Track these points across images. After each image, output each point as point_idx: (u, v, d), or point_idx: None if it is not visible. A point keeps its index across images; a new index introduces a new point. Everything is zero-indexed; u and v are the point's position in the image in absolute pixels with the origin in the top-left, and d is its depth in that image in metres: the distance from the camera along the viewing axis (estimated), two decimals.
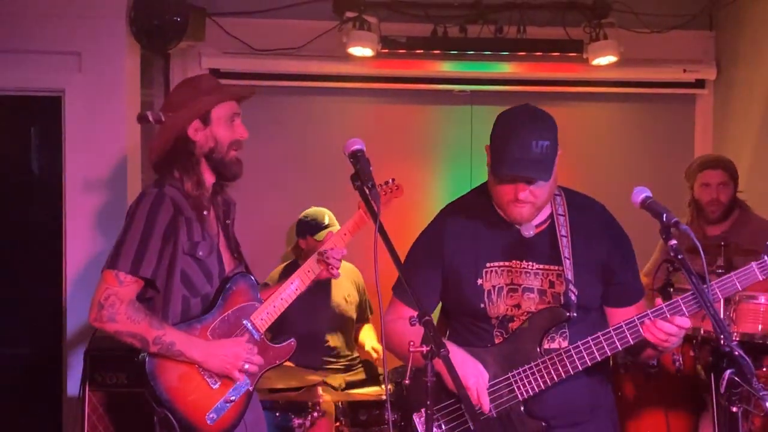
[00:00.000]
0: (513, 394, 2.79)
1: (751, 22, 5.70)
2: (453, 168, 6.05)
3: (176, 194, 3.10)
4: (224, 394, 3.10)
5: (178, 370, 3.04)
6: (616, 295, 2.91)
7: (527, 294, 2.83)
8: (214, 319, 3.11)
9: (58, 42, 5.06)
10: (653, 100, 6.21)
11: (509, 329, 2.84)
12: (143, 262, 3.00)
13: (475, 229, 2.91)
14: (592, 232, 2.89)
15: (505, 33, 5.77)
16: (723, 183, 4.86)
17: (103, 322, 2.98)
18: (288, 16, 5.74)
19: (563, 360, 2.75)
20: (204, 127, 3.16)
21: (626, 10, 5.84)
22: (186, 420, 3.03)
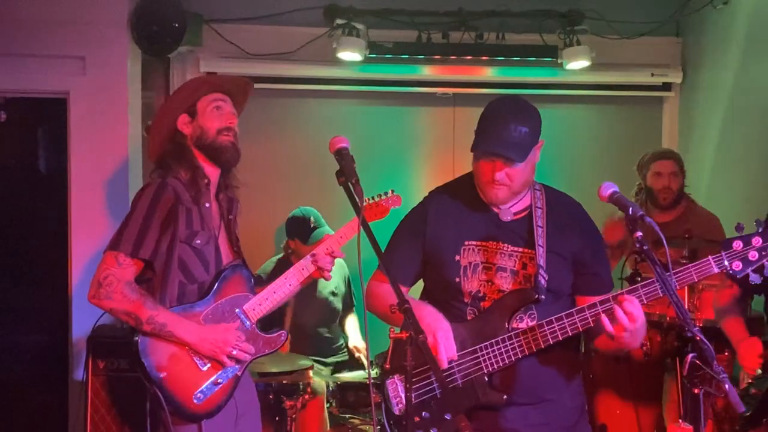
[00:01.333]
0: (479, 366, 2.79)
1: (715, 29, 5.70)
2: (436, 166, 6.04)
3: (178, 185, 3.11)
4: (212, 376, 3.08)
5: (169, 350, 3.02)
6: (586, 285, 2.91)
7: (500, 273, 2.85)
8: (208, 306, 3.08)
9: (64, 47, 5.04)
10: (623, 102, 6.21)
11: (481, 308, 2.85)
12: (143, 245, 3.00)
13: (457, 210, 2.94)
14: (566, 226, 2.89)
15: (485, 39, 5.75)
16: (673, 173, 4.91)
17: (101, 299, 2.97)
18: (281, 22, 5.71)
19: (528, 338, 2.75)
20: (192, 120, 3.19)
21: (598, 17, 5.83)
22: (174, 398, 3.00)
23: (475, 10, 5.74)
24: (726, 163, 5.44)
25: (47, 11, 5.00)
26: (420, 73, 5.91)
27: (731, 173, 5.36)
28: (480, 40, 5.75)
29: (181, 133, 3.20)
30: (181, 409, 3.02)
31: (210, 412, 3.08)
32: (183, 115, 3.20)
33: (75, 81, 5.07)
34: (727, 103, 5.56)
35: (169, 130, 3.21)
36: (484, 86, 5.99)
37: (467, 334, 2.82)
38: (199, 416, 3.05)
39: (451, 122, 6.09)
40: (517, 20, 5.78)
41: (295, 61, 5.73)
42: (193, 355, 3.05)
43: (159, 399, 2.98)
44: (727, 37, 5.54)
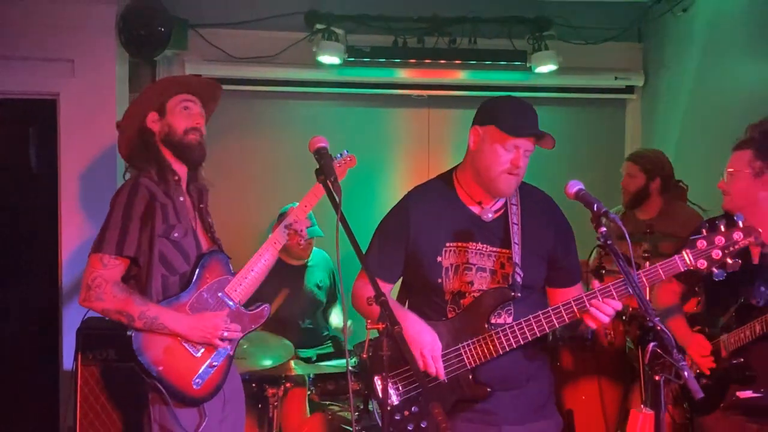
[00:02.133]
0: (462, 362, 2.82)
1: (675, 35, 5.74)
2: (411, 164, 6.04)
3: (150, 184, 3.11)
4: (207, 360, 3.09)
5: (163, 343, 3.02)
6: (559, 277, 2.95)
7: (480, 273, 2.86)
8: (191, 295, 3.09)
9: (54, 50, 5.02)
10: (589, 104, 6.23)
11: (461, 305, 2.87)
12: (125, 243, 3.00)
13: (437, 212, 2.93)
14: (540, 221, 2.92)
15: (458, 44, 5.78)
16: (630, 174, 4.87)
17: (92, 301, 2.97)
18: (263, 27, 5.70)
19: (507, 334, 2.77)
20: (160, 118, 3.19)
21: (565, 24, 5.86)
22: (174, 387, 3.02)
23: (449, 16, 5.76)
24: (686, 161, 5.47)
25: (38, 16, 4.98)
26: (396, 76, 5.91)
27: (691, 171, 5.39)
28: (453, 44, 5.77)
29: (149, 131, 3.20)
30: (183, 397, 3.04)
31: (211, 394, 3.11)
32: (152, 112, 3.20)
33: (64, 83, 5.05)
34: (686, 105, 5.60)
35: (139, 127, 3.20)
36: (457, 89, 6.00)
37: (449, 332, 2.84)
38: (200, 400, 3.09)
39: (426, 123, 6.09)
40: (489, 26, 5.80)
41: (277, 65, 5.72)
42: (185, 343, 3.05)
43: (160, 391, 2.99)
44: (686, 42, 5.58)
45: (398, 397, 2.88)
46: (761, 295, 3.13)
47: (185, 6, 5.56)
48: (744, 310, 3.19)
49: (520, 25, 5.79)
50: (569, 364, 4.63)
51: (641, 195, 4.82)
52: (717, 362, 3.28)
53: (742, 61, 4.96)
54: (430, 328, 2.81)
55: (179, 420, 3.04)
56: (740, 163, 3.24)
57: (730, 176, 3.27)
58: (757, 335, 3.10)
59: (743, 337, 3.15)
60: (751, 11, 4.90)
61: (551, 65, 5.73)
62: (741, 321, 3.18)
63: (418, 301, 2.97)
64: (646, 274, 2.67)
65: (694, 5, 5.46)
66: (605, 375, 4.55)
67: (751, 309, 3.15)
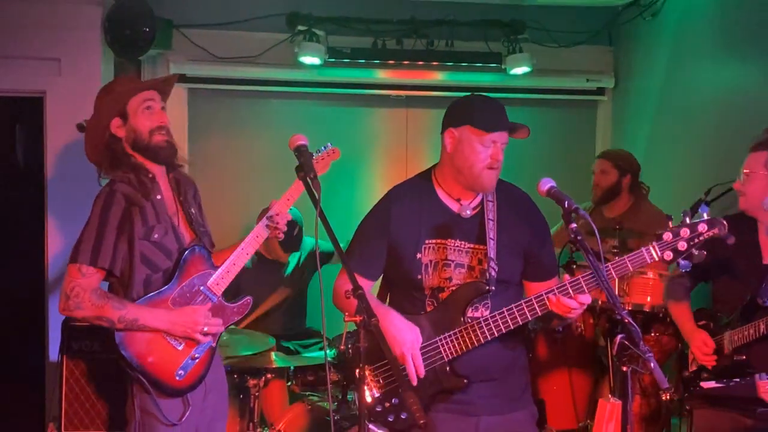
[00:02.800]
0: (440, 354, 2.81)
1: (644, 39, 5.76)
2: (390, 162, 6.03)
3: (126, 188, 3.04)
4: (189, 352, 3.07)
5: (145, 337, 2.99)
6: (534, 271, 2.95)
7: (458, 269, 2.86)
8: (173, 289, 3.05)
9: (40, 49, 4.97)
10: (561, 105, 6.24)
11: (439, 299, 2.86)
12: (100, 254, 2.95)
13: (417, 210, 2.92)
14: (516, 217, 2.92)
15: (435, 46, 5.77)
16: (603, 170, 4.87)
17: (71, 310, 2.93)
18: (246, 28, 5.67)
19: (482, 327, 2.76)
20: (124, 123, 3.09)
21: (539, 27, 5.87)
22: (157, 380, 2.99)
23: (427, 19, 5.75)
24: (654, 160, 5.50)
25: (25, 15, 4.93)
26: (375, 76, 5.90)
27: (659, 169, 5.42)
28: (431, 46, 5.76)
29: (115, 137, 3.10)
30: (166, 389, 3.01)
31: (193, 385, 3.09)
32: (115, 118, 3.09)
33: (51, 81, 5.00)
34: (655, 106, 5.63)
35: (104, 134, 3.11)
36: (434, 89, 5.99)
37: (427, 325, 2.83)
38: (183, 391, 3.06)
39: (404, 122, 6.08)
40: (465, 29, 5.80)
41: (260, 65, 5.68)
42: (167, 337, 3.02)
43: (143, 383, 2.97)
44: (654, 46, 5.60)
45: (379, 389, 2.87)
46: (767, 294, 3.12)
47: (170, 7, 5.51)
48: (750, 308, 3.18)
49: (495, 28, 5.79)
50: (541, 356, 4.64)
51: (613, 191, 4.83)
52: (719, 358, 3.28)
53: (709, 64, 4.99)
54: (412, 325, 2.79)
55: (162, 410, 3.01)
56: (757, 164, 3.23)
57: (747, 177, 3.25)
58: (761, 334, 3.09)
59: (747, 335, 3.14)
60: (717, 17, 4.93)
61: (525, 67, 5.72)
62: (746, 319, 3.17)
63: (398, 296, 2.97)
64: (614, 266, 2.67)
65: (662, 11, 5.47)
66: (575, 366, 4.56)
67: (757, 308, 3.14)
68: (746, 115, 4.52)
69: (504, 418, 2.89)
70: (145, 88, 3.14)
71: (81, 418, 4.09)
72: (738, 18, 4.73)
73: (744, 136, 3.35)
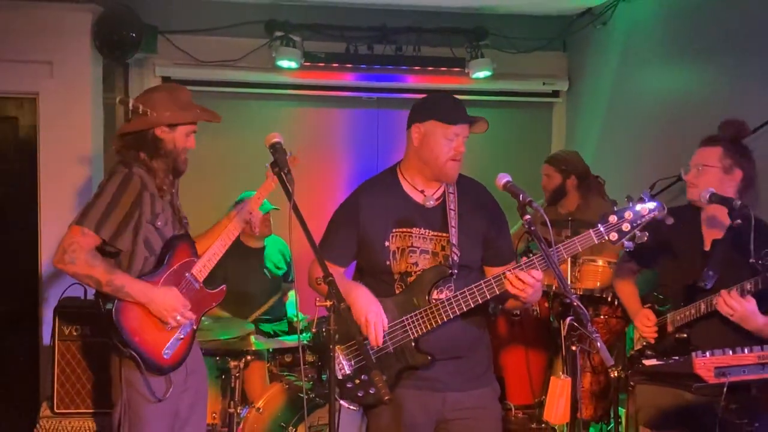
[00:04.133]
0: (406, 333, 2.81)
1: (595, 46, 5.80)
2: (362, 159, 6.02)
3: (143, 173, 3.05)
4: (175, 333, 3.08)
5: (138, 317, 2.99)
6: (493, 257, 2.96)
7: (423, 255, 2.87)
8: (164, 272, 3.06)
9: (34, 52, 4.93)
10: (520, 106, 6.25)
11: (407, 282, 2.87)
12: (105, 225, 2.94)
13: (384, 202, 2.92)
14: (475, 208, 2.93)
15: (404, 51, 5.78)
16: (547, 175, 4.87)
17: (65, 263, 2.90)
18: (227, 34, 5.64)
19: (446, 307, 2.77)
20: (170, 131, 3.12)
21: (499, 34, 5.89)
22: (147, 356, 2.99)
23: (396, 26, 5.76)
24: (605, 156, 5.55)
25: (19, 21, 4.90)
26: (348, 79, 5.89)
27: (609, 164, 5.47)
28: (399, 52, 5.77)
29: (157, 137, 3.12)
30: (154, 366, 3.01)
31: (177, 364, 3.09)
32: (165, 126, 3.13)
33: (44, 83, 4.97)
34: (605, 107, 5.67)
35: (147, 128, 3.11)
36: (403, 91, 5.97)
37: (395, 306, 2.84)
38: (168, 369, 3.06)
39: (375, 122, 6.08)
40: (431, 35, 5.81)
41: (239, 68, 5.67)
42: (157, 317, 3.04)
43: (136, 359, 2.96)
44: (605, 52, 5.64)
45: (350, 367, 2.87)
46: (709, 278, 3.11)
47: (155, 13, 5.47)
48: (692, 291, 3.18)
49: (459, 35, 5.81)
50: (500, 337, 4.67)
51: (560, 192, 4.83)
52: (663, 336, 3.30)
53: (653, 69, 5.04)
54: (377, 300, 2.80)
55: (150, 386, 3.02)
56: (711, 158, 3.20)
57: (700, 170, 3.22)
58: (702, 314, 3.12)
59: (689, 314, 3.17)
60: (661, 27, 4.98)
61: (486, 71, 5.75)
62: (688, 300, 3.19)
63: (370, 281, 2.95)
64: (565, 247, 2.68)
65: (612, 19, 5.51)
66: (532, 346, 4.59)
67: (699, 290, 3.14)
68: (687, 115, 4.58)
69: (468, 394, 2.90)
70: (199, 120, 3.23)
71: (72, 397, 4.08)
72: (679, 28, 4.77)
73: (685, 135, 3.38)
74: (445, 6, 5.78)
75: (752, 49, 4.09)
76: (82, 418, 4.08)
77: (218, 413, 4.37)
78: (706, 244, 3.25)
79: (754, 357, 2.48)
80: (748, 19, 4.13)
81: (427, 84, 5.92)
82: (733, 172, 3.18)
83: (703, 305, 3.10)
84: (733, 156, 3.19)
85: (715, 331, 3.09)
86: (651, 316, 3.34)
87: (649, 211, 2.61)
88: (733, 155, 3.19)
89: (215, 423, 4.37)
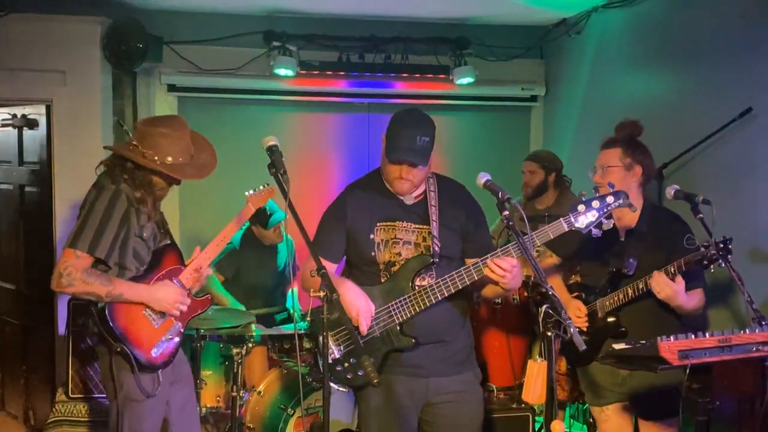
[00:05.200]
0: (391, 318, 2.84)
1: (570, 53, 5.82)
2: (353, 161, 6.02)
3: (128, 190, 3.01)
4: (164, 332, 3.08)
5: (129, 314, 2.98)
6: (471, 248, 2.97)
7: (406, 245, 2.89)
8: (152, 277, 3.06)
9: (47, 62, 4.94)
10: (500, 110, 6.26)
11: (392, 271, 2.89)
12: (99, 245, 2.90)
13: (370, 199, 2.95)
14: (454, 203, 2.95)
15: (392, 59, 5.79)
16: (531, 171, 4.88)
17: (63, 287, 2.88)
18: (228, 44, 5.63)
19: (428, 293, 2.80)
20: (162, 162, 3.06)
21: (481, 43, 5.91)
22: (137, 351, 2.98)
23: (385, 36, 5.77)
24: (579, 156, 5.56)
25: (34, 34, 4.91)
26: (341, 86, 5.90)
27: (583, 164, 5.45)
28: (388, 60, 5.78)
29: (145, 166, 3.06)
30: (143, 362, 2.99)
31: (166, 362, 3.08)
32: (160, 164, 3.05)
33: (57, 90, 4.97)
34: (579, 111, 5.69)
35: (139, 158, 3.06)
36: (392, 97, 5.98)
37: (381, 294, 2.86)
38: (158, 366, 3.05)
39: (366, 126, 6.08)
40: (418, 45, 5.82)
41: (239, 76, 5.67)
42: (147, 317, 3.02)
43: (126, 354, 2.94)
44: (579, 60, 5.67)
45: (339, 352, 2.89)
46: (630, 265, 3.18)
47: (160, 25, 5.47)
48: (616, 278, 3.24)
49: (443, 44, 5.82)
50: (483, 323, 4.68)
51: (542, 188, 4.86)
52: (594, 322, 3.33)
53: (623, 76, 5.06)
54: (365, 294, 2.82)
55: (140, 383, 3.00)
56: (613, 159, 3.26)
57: (605, 171, 3.27)
58: (629, 298, 3.17)
59: (617, 300, 3.21)
60: (630, 36, 5.01)
61: (469, 78, 5.75)
62: (614, 287, 3.24)
63: (357, 273, 2.98)
64: (537, 234, 2.69)
65: (585, 30, 5.54)
66: (512, 332, 4.59)
67: (623, 277, 3.21)
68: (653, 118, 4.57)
69: (451, 380, 2.92)
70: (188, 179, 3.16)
71: (85, 383, 4.08)
72: (646, 38, 4.80)
73: (652, 136, 3.40)
74: (431, 17, 5.79)
75: (711, 58, 4.13)
76: (95, 402, 4.09)
77: (222, 397, 4.38)
78: (620, 234, 3.30)
79: (714, 341, 2.50)
80: (708, 31, 4.17)
81: (414, 90, 5.94)
82: (634, 169, 3.24)
83: (630, 290, 3.15)
84: (632, 154, 3.24)
85: (642, 312, 3.17)
86: (582, 307, 3.37)
87: (614, 200, 2.65)
88: (632, 154, 3.24)
89: (219, 406, 4.40)
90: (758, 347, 2.53)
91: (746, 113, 3.76)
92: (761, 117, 3.73)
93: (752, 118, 3.76)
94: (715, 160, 4.00)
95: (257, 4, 5.44)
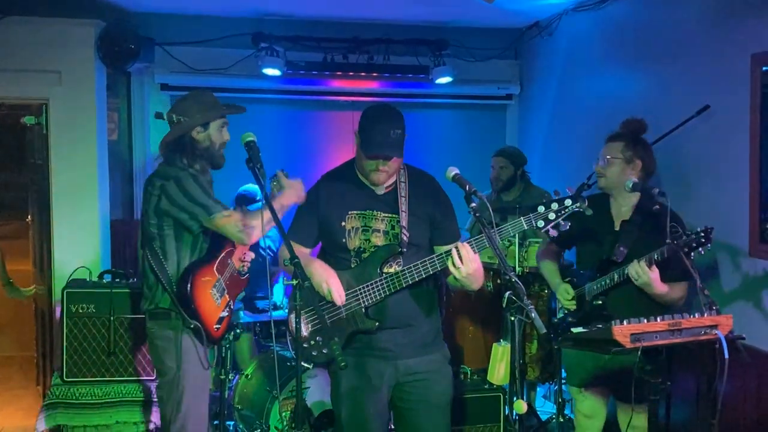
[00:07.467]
0: (358, 301, 2.83)
1: (543, 54, 5.84)
2: (337, 156, 5.95)
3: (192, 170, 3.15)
4: (223, 310, 3.20)
5: (201, 294, 3.09)
6: (439, 236, 2.97)
7: (376, 233, 2.89)
8: (216, 258, 3.20)
9: (44, 63, 4.91)
10: (477, 108, 6.28)
11: (362, 258, 2.89)
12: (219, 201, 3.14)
13: (343, 188, 2.94)
14: (423, 194, 2.94)
15: (374, 60, 5.78)
16: (502, 167, 4.90)
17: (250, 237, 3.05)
18: (218, 45, 5.63)
19: (394, 279, 2.80)
20: (203, 130, 3.17)
21: (459, 45, 5.91)
22: (206, 327, 3.10)
23: (367, 38, 5.76)
24: (551, 152, 5.60)
25: (31, 35, 4.87)
26: (326, 85, 5.89)
27: (555, 159, 5.52)
28: (371, 60, 5.77)
29: (193, 139, 3.17)
30: (209, 337, 3.13)
31: (221, 338, 3.25)
32: (198, 127, 3.17)
33: (53, 90, 4.94)
34: (552, 108, 5.72)
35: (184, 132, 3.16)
36: (374, 95, 5.97)
37: (351, 278, 2.85)
38: (217, 340, 3.23)
39: (351, 123, 6.03)
40: (399, 46, 5.81)
41: (229, 75, 5.65)
42: (212, 296, 3.13)
43: (199, 330, 3.06)
44: (551, 60, 5.69)
45: (307, 330, 2.90)
46: (620, 253, 3.21)
47: (152, 27, 5.47)
48: (605, 264, 3.27)
49: (423, 45, 5.81)
50: (458, 309, 4.72)
51: (512, 181, 4.89)
52: (582, 305, 3.38)
53: (592, 76, 5.08)
54: (333, 270, 2.84)
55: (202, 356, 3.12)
56: (615, 151, 3.30)
57: (607, 162, 3.32)
58: (615, 282, 3.21)
59: (604, 284, 3.25)
60: (599, 39, 5.02)
61: (448, 77, 5.76)
62: (603, 273, 3.27)
63: (330, 258, 2.97)
64: (498, 231, 2.69)
65: (557, 32, 5.56)
66: (485, 317, 4.63)
67: (612, 264, 3.24)
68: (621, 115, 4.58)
69: (419, 360, 2.91)
70: (225, 113, 3.27)
71: (79, 367, 4.09)
72: (614, 39, 4.82)
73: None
74: (411, 20, 5.79)
75: (675, 59, 4.15)
76: (88, 386, 4.09)
77: (211, 380, 4.39)
78: (616, 225, 3.33)
79: (664, 325, 2.53)
80: (672, 32, 4.19)
81: (395, 89, 5.95)
82: (634, 163, 3.29)
83: (616, 275, 3.20)
84: (634, 149, 3.29)
85: (627, 297, 3.20)
86: (570, 290, 3.42)
87: (571, 204, 2.66)
88: (633, 148, 3.30)
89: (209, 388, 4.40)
90: (706, 330, 2.56)
91: (703, 110, 3.78)
92: (718, 114, 3.76)
93: (710, 115, 3.78)
94: (675, 154, 4.02)
95: (246, 8, 5.44)
